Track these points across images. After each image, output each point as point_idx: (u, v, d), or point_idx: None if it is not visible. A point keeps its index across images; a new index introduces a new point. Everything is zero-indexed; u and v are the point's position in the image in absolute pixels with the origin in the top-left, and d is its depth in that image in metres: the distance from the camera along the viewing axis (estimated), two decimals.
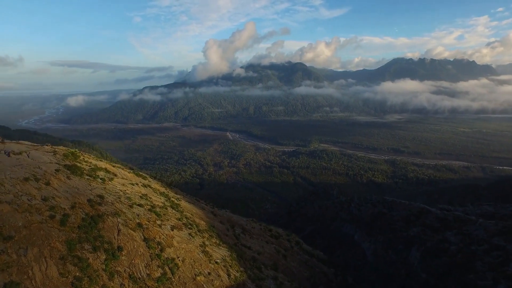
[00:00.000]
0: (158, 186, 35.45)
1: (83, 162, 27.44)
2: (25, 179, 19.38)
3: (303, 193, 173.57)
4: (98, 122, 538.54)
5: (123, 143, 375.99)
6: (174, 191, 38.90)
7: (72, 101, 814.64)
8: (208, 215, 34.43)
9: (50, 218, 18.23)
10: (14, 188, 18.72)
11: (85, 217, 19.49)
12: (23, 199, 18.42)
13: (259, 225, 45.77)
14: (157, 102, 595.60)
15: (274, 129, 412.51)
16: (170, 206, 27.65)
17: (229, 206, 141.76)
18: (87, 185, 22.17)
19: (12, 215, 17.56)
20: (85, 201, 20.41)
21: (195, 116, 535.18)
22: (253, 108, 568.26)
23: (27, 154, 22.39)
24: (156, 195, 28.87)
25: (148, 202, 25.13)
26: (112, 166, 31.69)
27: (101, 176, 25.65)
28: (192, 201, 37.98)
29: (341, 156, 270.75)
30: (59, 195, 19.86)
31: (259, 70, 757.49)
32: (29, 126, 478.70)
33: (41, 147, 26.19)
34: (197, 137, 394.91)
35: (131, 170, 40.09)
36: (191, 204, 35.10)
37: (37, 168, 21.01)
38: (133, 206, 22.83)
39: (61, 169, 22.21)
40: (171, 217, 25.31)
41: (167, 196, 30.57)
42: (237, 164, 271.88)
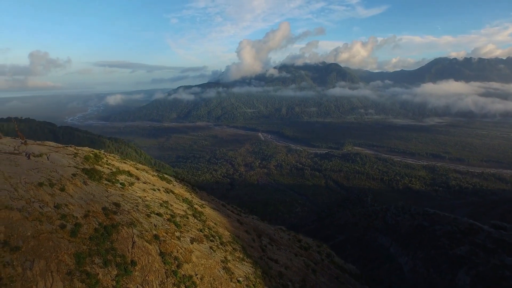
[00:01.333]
0: (183, 190, 33.95)
1: (105, 164, 26.42)
2: (39, 184, 18.31)
3: (335, 198, 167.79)
4: (134, 120, 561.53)
5: (157, 141, 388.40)
6: (199, 195, 37.30)
7: (111, 99, 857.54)
8: (234, 223, 32.36)
9: (60, 227, 16.91)
10: (27, 194, 17.66)
11: (98, 227, 18.02)
12: (35, 206, 17.27)
13: (287, 234, 43.05)
14: (191, 102, 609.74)
15: (306, 130, 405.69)
16: (192, 215, 25.85)
17: (258, 209, 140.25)
18: (104, 191, 20.85)
19: (21, 223, 16.43)
20: (99, 209, 19.02)
21: (227, 116, 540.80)
22: (286, 109, 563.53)
23: (47, 156, 21.56)
24: (178, 202, 27.23)
25: (168, 210, 23.46)
26: (135, 169, 30.60)
27: (122, 180, 24.39)
28: (217, 207, 36.15)
29: (375, 160, 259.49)
30: (73, 202, 18.59)
31: (292, 70, 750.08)
32: (73, 122, 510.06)
33: (64, 148, 25.51)
34: (229, 137, 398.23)
35: (157, 172, 39.12)
36: (216, 211, 33.22)
37: (54, 172, 19.98)
38: (151, 215, 21.19)
39: (79, 173, 21.09)
40: (191, 227, 23.45)
41: (190, 203, 28.86)
42: (268, 165, 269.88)
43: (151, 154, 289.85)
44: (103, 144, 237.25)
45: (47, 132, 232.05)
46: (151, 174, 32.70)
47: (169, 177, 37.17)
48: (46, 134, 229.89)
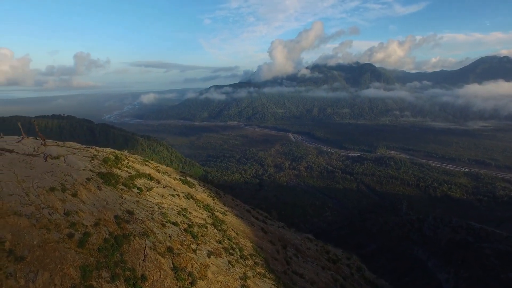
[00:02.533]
0: (205, 195, 32.54)
1: (125, 167, 25.54)
2: (51, 189, 17.47)
3: (366, 204, 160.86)
4: (167, 118, 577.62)
5: (188, 139, 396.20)
6: (223, 201, 35.77)
7: (145, 98, 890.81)
8: (257, 233, 30.45)
9: (68, 237, 15.86)
10: (37, 199, 16.85)
11: (108, 238, 16.82)
12: (44, 212, 16.38)
13: (315, 244, 40.43)
14: (222, 101, 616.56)
15: (338, 132, 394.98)
16: (212, 224, 24.24)
17: (287, 211, 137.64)
18: (119, 198, 19.75)
19: (29, 231, 15.54)
20: (111, 218, 17.86)
21: (258, 116, 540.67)
22: (317, 109, 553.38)
23: (64, 158, 20.92)
24: (198, 209, 25.76)
25: (185, 219, 21.99)
26: (157, 172, 29.60)
27: (140, 185, 23.30)
28: (241, 214, 34.42)
29: (411, 165, 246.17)
30: (84, 209, 17.57)
31: (324, 71, 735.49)
32: (110, 120, 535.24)
33: (84, 149, 24.96)
34: (260, 137, 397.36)
35: (181, 174, 38.13)
36: (239, 218, 31.48)
37: (68, 175, 19.16)
38: (167, 225, 19.79)
39: (94, 177, 20.18)
40: (210, 239, 21.81)
41: (211, 210, 27.32)
42: (298, 166, 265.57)
43: (182, 153, 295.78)
44: (136, 142, 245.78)
45: (85, 129, 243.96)
46: (173, 177, 31.64)
47: (192, 181, 36.02)
48: (84, 131, 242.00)
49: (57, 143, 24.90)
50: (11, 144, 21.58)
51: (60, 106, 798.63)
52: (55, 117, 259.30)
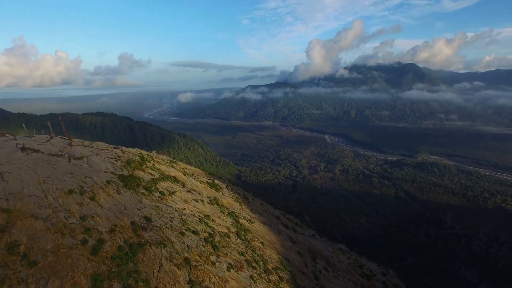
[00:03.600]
0: (232, 200, 31.29)
1: (149, 169, 24.95)
2: (69, 192, 17.03)
3: (405, 212, 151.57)
4: (204, 117, 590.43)
5: (223, 138, 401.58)
6: (251, 206, 34.31)
7: (183, 97, 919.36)
8: (285, 243, 28.62)
9: (82, 243, 15.21)
10: (55, 202, 16.44)
11: (123, 245, 15.97)
12: (60, 216, 15.90)
13: (347, 257, 37.67)
14: (258, 101, 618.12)
15: (376, 135, 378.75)
16: (235, 233, 22.84)
17: (320, 215, 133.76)
18: (138, 202, 18.98)
19: (43, 235, 15.11)
20: (128, 224, 17.06)
21: (294, 117, 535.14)
22: (355, 111, 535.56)
23: (87, 159, 20.61)
24: (222, 216, 24.49)
25: (207, 227, 20.78)
26: (183, 174, 28.83)
27: (162, 188, 22.51)
28: (269, 221, 32.73)
29: (457, 172, 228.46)
30: (101, 213, 16.92)
31: (364, 71, 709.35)
32: (149, 118, 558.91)
33: (110, 150, 24.71)
34: (295, 138, 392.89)
35: (209, 176, 37.27)
36: (267, 226, 29.82)
37: (88, 178, 18.72)
38: (186, 234, 18.67)
39: (114, 180, 19.61)
40: (232, 250, 20.41)
41: (236, 217, 25.94)
42: (333, 169, 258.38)
43: (217, 151, 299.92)
44: (172, 139, 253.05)
45: (125, 126, 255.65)
46: (200, 180, 30.73)
47: (220, 184, 34.96)
48: (124, 128, 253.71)
49: (83, 143, 24.90)
50: (40, 144, 21.73)
51: (104, 104, 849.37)
52: (99, 115, 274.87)
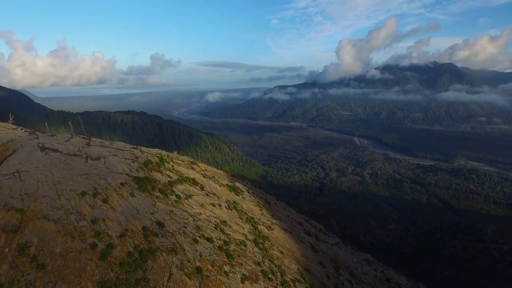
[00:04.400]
0: (252, 204, 30.20)
1: (167, 170, 24.45)
2: (83, 193, 16.71)
3: (439, 220, 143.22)
4: (232, 116, 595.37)
5: (251, 138, 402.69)
6: (272, 211, 33.04)
7: (211, 96, 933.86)
8: (306, 252, 27.11)
9: (91, 247, 14.75)
10: (68, 203, 16.16)
11: (132, 251, 15.36)
12: (71, 218, 15.56)
13: (374, 269, 35.37)
14: (286, 101, 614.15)
15: (408, 138, 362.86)
16: (253, 241, 21.71)
17: (346, 220, 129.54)
18: (151, 206, 18.38)
19: (53, 237, 14.82)
20: (139, 229, 16.46)
21: (322, 118, 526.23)
22: (386, 113, 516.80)
23: (104, 160, 20.36)
24: (240, 222, 23.45)
25: (222, 234, 19.82)
26: (202, 177, 28.13)
27: (178, 192, 21.85)
28: (291, 227, 31.30)
29: (499, 180, 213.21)
30: (112, 217, 16.43)
31: (396, 71, 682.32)
32: (178, 116, 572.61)
33: (129, 150, 24.45)
34: (323, 139, 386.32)
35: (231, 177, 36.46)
36: (288, 233, 28.44)
37: (103, 179, 18.37)
38: (199, 241, 17.82)
39: (129, 182, 19.15)
40: (248, 259, 19.32)
41: (255, 224, 24.80)
42: (362, 172, 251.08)
43: (244, 151, 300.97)
44: (200, 138, 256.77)
45: (154, 125, 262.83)
46: (220, 183, 29.93)
47: (241, 187, 33.96)
48: (153, 126, 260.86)
49: (102, 142, 24.83)
50: (60, 143, 21.83)
51: (136, 102, 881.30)
52: (130, 113, 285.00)
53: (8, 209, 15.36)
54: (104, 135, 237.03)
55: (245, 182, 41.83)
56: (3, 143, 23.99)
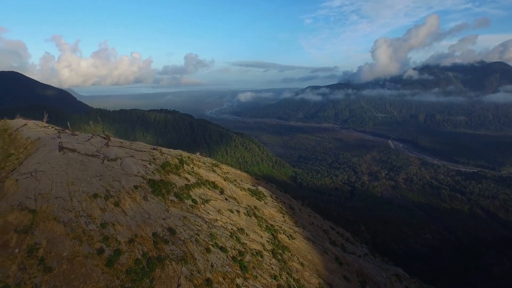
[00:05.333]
0: (274, 210, 28.85)
1: (186, 173, 23.78)
2: (94, 196, 16.35)
3: (483, 233, 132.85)
4: (263, 117, 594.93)
5: (282, 138, 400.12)
6: (295, 218, 31.45)
7: (242, 96, 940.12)
8: (329, 264, 25.32)
9: (98, 253, 14.26)
10: (79, 206, 15.85)
11: (140, 259, 14.69)
12: (81, 221, 15.20)
13: (405, 286, 32.63)
14: (318, 102, 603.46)
15: (448, 142, 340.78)
16: (271, 251, 20.40)
17: (377, 227, 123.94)
18: (164, 211, 17.68)
19: (62, 240, 14.52)
20: (149, 235, 15.78)
21: (355, 119, 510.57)
22: (424, 115, 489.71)
23: (120, 161, 20.04)
24: (259, 230, 22.22)
25: (237, 244, 18.71)
26: (223, 180, 27.25)
27: (195, 196, 21.05)
28: (314, 236, 29.56)
29: None
30: (122, 221, 15.89)
31: (436, 72, 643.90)
32: (210, 115, 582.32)
33: (148, 151, 24.10)
34: (355, 142, 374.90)
35: (254, 180, 35.33)
36: (311, 242, 26.79)
37: (116, 181, 17.96)
38: (212, 250, 16.83)
39: (143, 185, 18.62)
40: (263, 272, 18.06)
41: (275, 232, 23.43)
42: (396, 177, 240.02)
43: (274, 151, 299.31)
44: (230, 138, 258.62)
45: (186, 123, 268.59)
46: (241, 187, 28.90)
47: (264, 191, 32.70)
48: (185, 125, 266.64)
49: (121, 143, 24.68)
50: (80, 143, 21.88)
51: (169, 101, 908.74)
52: (163, 111, 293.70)
53: (21, 209, 15.31)
54: (137, 133, 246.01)
55: (270, 185, 40.54)
56: (32, 141, 24.60)
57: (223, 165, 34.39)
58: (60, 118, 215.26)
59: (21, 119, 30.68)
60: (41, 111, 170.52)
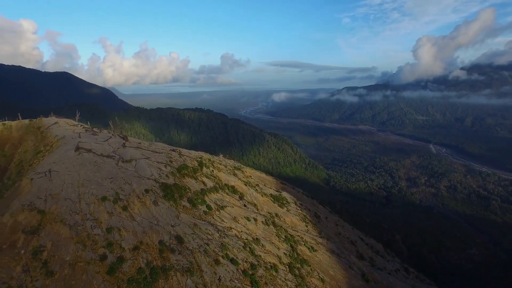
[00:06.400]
0: (297, 219, 27.20)
1: (203, 176, 22.92)
2: (103, 199, 15.89)
3: None
4: (297, 117, 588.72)
5: (316, 140, 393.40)
6: (320, 227, 29.51)
7: (276, 96, 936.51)
8: (354, 281, 23.20)
9: (100, 259, 13.70)
10: (86, 208, 15.46)
11: (144, 268, 13.93)
12: (87, 225, 14.77)
13: None
14: (355, 104, 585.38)
15: (501, 148, 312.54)
16: (288, 265, 18.88)
17: (414, 237, 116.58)
18: (174, 217, 16.86)
19: (66, 243, 14.15)
20: (155, 242, 14.99)
21: (394, 122, 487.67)
22: (471, 119, 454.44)
23: (135, 163, 19.57)
24: (276, 241, 20.75)
25: (250, 256, 17.43)
26: (244, 184, 26.12)
27: (210, 201, 20.07)
28: (340, 248, 27.46)
29: None
30: (129, 227, 15.25)
31: (488, 71, 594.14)
32: (245, 115, 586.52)
33: (165, 153, 23.56)
34: (393, 145, 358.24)
35: (279, 185, 33.87)
36: (334, 255, 24.79)
37: (128, 184, 17.43)
38: (221, 262, 15.71)
39: (155, 189, 17.95)
40: None
41: (295, 244, 21.80)
42: (437, 184, 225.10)
43: (307, 153, 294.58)
44: (263, 138, 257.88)
45: (219, 123, 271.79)
46: (263, 192, 27.56)
47: (288, 197, 31.08)
48: (218, 124, 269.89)
49: (140, 143, 24.35)
50: (98, 143, 21.80)
51: (205, 100, 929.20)
52: (197, 110, 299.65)
53: (31, 209, 15.20)
54: (172, 131, 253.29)
55: (296, 191, 38.80)
56: (58, 139, 25.08)
57: (246, 168, 33.28)
58: (101, 116, 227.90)
59: (54, 117, 31.72)
60: (85, 109, 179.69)
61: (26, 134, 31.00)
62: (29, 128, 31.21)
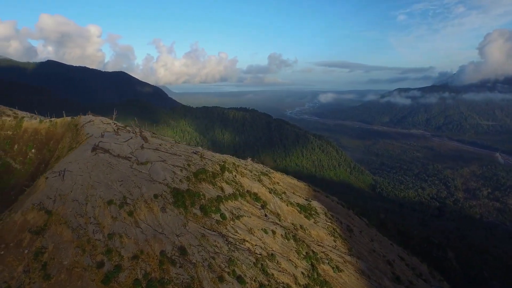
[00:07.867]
0: (325, 232, 24.85)
1: (223, 182, 21.70)
2: (109, 202, 15.41)
3: None
4: (345, 119, 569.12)
5: (363, 143, 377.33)
6: (351, 242, 26.73)
7: (323, 97, 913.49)
8: None
9: (97, 266, 13.14)
10: (92, 211, 15.08)
11: (140, 279, 13.12)
12: (89, 228, 14.33)
13: None
14: (407, 106, 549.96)
15: None
16: (304, 286, 16.94)
17: (472, 258, 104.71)
18: (181, 226, 15.84)
19: (66, 247, 13.82)
20: (156, 253, 14.10)
21: (451, 127, 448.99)
22: None
23: (150, 165, 18.98)
24: (295, 258, 18.80)
25: (261, 274, 15.81)
26: (268, 192, 24.49)
27: (225, 210, 18.78)
28: (371, 269, 24.56)
29: None
30: (131, 233, 14.55)
31: None
32: (291, 116, 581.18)
33: (186, 156, 22.75)
34: (449, 152, 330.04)
35: (315, 194, 31.70)
36: (363, 277, 22.08)
37: (137, 188, 16.82)
38: (225, 279, 14.34)
39: (165, 194, 17.10)
40: None
41: (316, 262, 19.65)
42: (504, 198, 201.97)
43: (353, 157, 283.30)
44: (307, 140, 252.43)
45: (263, 123, 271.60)
46: (289, 201, 25.68)
47: (318, 207, 28.70)
48: (262, 124, 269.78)
49: (160, 145, 23.81)
50: (118, 143, 21.66)
51: (250, 100, 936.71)
52: (242, 110, 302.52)
53: (39, 209, 15.16)
54: (216, 129, 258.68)
55: (330, 199, 36.12)
56: (87, 137, 25.61)
57: (275, 173, 31.54)
58: (150, 113, 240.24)
59: (91, 115, 32.88)
60: (136, 106, 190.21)
61: (66, 131, 32.46)
62: (69, 125, 32.67)
